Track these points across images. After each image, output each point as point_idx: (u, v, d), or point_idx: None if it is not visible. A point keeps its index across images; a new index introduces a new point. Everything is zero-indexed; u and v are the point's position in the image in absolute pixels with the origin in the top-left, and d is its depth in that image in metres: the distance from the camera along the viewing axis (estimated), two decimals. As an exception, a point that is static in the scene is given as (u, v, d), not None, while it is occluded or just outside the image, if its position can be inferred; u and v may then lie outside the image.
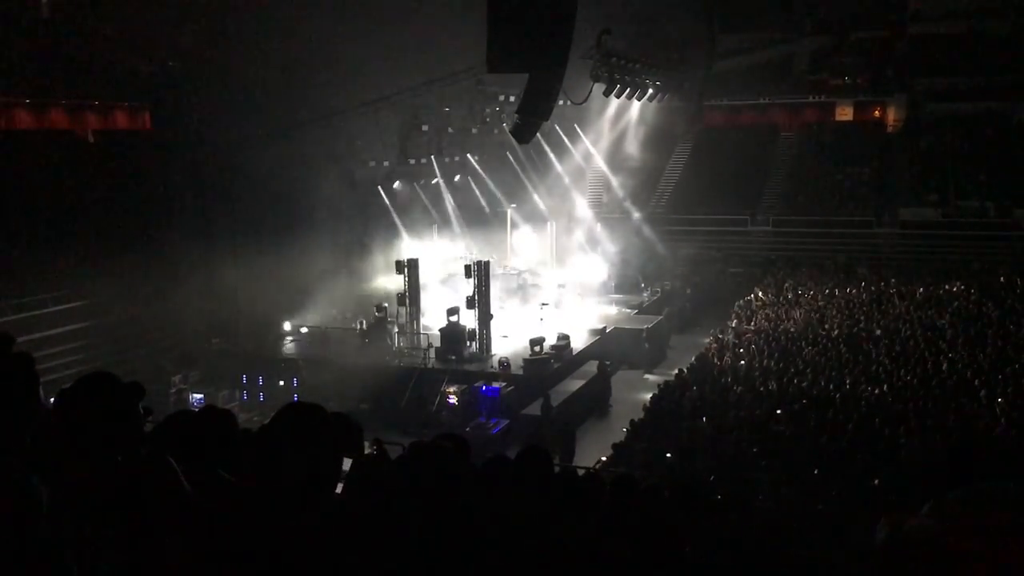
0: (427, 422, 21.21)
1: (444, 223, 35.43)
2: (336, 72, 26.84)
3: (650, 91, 36.37)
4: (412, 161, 35.26)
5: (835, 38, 45.72)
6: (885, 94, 43.59)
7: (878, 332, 24.61)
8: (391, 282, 27.93)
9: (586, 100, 31.32)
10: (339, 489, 3.10)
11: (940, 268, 32.11)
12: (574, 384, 23.86)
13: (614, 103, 37.68)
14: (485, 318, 25.65)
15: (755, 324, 26.96)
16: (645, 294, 33.89)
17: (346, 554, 2.36)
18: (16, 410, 2.37)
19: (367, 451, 4.93)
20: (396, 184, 34.57)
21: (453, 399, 22.69)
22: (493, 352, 25.44)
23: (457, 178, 37.23)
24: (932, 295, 28.49)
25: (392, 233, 32.48)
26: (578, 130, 40.95)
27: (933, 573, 1.37)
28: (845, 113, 44.22)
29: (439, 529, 3.04)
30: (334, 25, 26.59)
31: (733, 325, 27.38)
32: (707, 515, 7.00)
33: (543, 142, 37.31)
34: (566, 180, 39.72)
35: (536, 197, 38.33)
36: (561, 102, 26.70)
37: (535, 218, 36.70)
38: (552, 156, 39.67)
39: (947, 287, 29.18)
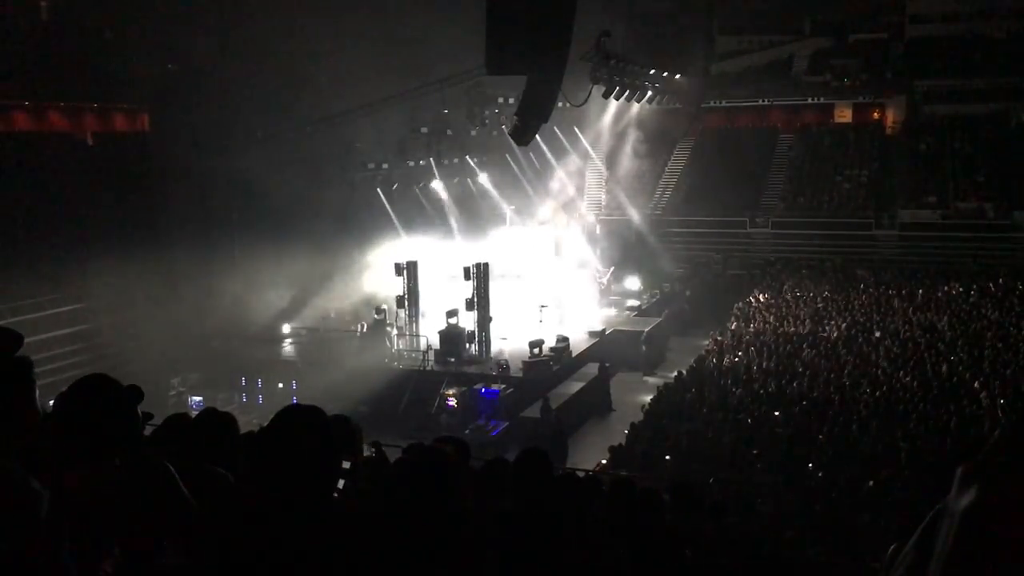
0: (426, 424, 21.18)
1: (443, 225, 35.38)
2: (335, 75, 26.84)
3: (649, 93, 36.36)
4: (411, 163, 35.23)
5: (834, 40, 45.76)
6: (884, 96, 43.62)
7: (877, 334, 24.61)
8: (390, 284, 27.90)
9: (585, 102, 31.29)
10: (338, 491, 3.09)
11: (939, 270, 32.11)
12: (573, 386, 23.83)
13: (613, 105, 37.65)
14: (484, 320, 25.64)
15: (754, 326, 26.95)
16: (644, 296, 33.87)
17: (345, 557, 2.36)
18: (14, 413, 2.36)
19: (366, 453, 4.93)
20: (395, 186, 34.55)
21: (452, 401, 22.66)
22: (492, 354, 25.42)
23: (456, 180, 37.20)
24: (931, 297, 28.50)
25: (391, 235, 32.45)
26: (577, 132, 40.92)
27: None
28: (844, 115, 44.23)
29: (438, 532, 3.03)
30: (333, 27, 26.59)
31: (732, 327, 27.38)
32: (706, 517, 7.00)
33: (542, 144, 37.27)
34: (565, 182, 39.70)
35: (535, 199, 38.30)
36: (560, 104, 26.69)
37: (534, 220, 36.67)
38: (551, 158, 39.66)
39: (946, 289, 29.20)
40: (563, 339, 25.85)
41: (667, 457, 16.36)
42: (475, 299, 25.55)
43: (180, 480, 2.59)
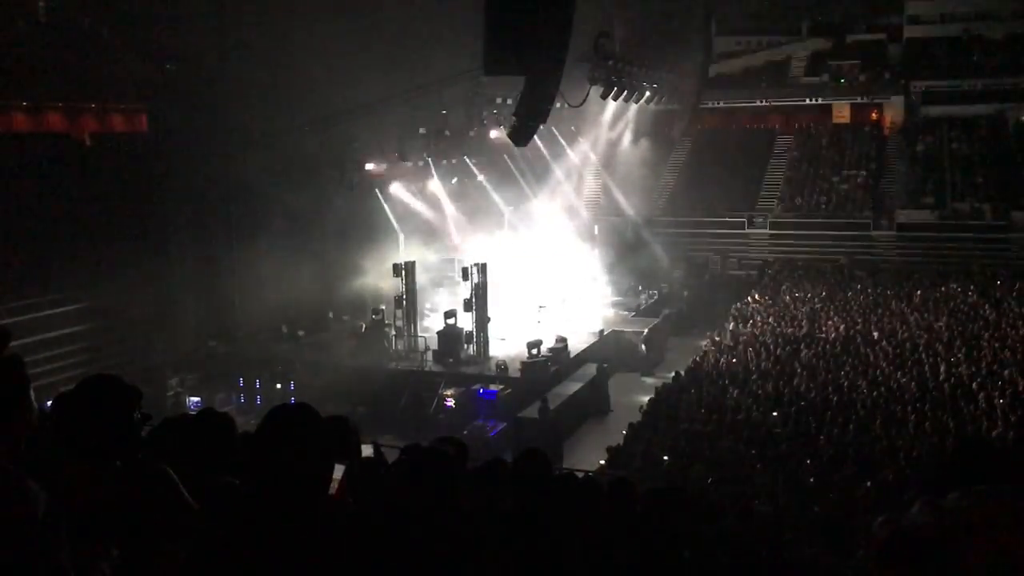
0: (424, 425, 21.18)
1: (441, 226, 35.35)
2: (334, 75, 26.82)
3: (647, 93, 36.34)
4: (409, 164, 35.17)
5: (832, 40, 45.79)
6: (882, 96, 43.64)
7: (875, 334, 24.63)
8: (388, 285, 27.91)
9: (583, 103, 31.29)
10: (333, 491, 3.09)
11: (937, 270, 32.15)
12: (572, 387, 23.82)
13: (611, 105, 37.64)
14: (482, 321, 25.64)
15: (752, 327, 26.96)
16: (642, 296, 33.88)
17: (342, 558, 2.36)
18: (9, 412, 2.36)
19: (364, 454, 4.92)
20: (392, 186, 34.50)
21: (450, 402, 22.67)
22: (491, 355, 25.41)
23: (455, 181, 37.14)
24: (929, 297, 28.53)
25: (389, 236, 32.42)
26: (576, 132, 40.91)
27: (932, 570, 1.34)
28: (842, 115, 44.23)
29: (437, 532, 3.03)
30: (332, 27, 26.57)
31: (730, 328, 27.39)
32: (704, 518, 7.00)
33: (540, 145, 37.24)
34: (563, 182, 39.68)
35: (533, 199, 38.28)
36: (558, 105, 26.67)
37: (532, 221, 36.64)
38: (549, 158, 39.63)
39: (944, 289, 29.23)
40: (561, 339, 25.85)
41: (665, 458, 16.37)
42: (473, 299, 25.56)
43: (180, 483, 2.60)
